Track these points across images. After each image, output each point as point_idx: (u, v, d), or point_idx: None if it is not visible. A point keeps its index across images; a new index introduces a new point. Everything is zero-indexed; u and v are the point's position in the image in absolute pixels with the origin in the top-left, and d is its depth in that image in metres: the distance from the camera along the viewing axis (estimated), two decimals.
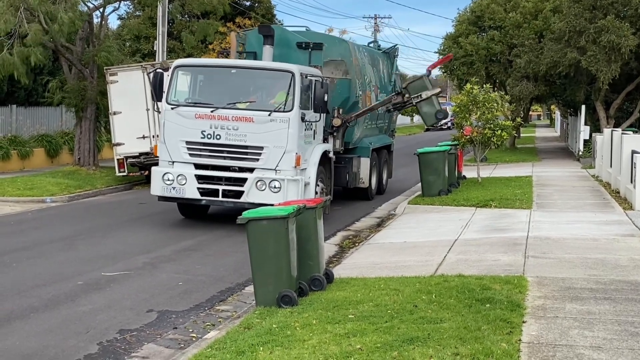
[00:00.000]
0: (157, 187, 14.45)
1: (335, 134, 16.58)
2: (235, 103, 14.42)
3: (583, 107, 29.86)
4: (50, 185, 20.09)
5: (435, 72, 35.51)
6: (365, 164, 18.17)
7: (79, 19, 21.27)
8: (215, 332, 8.02)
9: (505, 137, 22.21)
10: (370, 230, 15.24)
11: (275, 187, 13.82)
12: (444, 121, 69.33)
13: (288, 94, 14.15)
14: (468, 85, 21.87)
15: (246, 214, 8.68)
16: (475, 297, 8.46)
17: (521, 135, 46.73)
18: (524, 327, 7.48)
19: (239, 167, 14.24)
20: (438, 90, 16.19)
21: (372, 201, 19.08)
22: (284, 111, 14.05)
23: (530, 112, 66.51)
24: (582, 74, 28.80)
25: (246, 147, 14.10)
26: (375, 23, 71.39)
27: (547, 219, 14.94)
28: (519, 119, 30.18)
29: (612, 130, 21.77)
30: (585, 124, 29.79)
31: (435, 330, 7.26)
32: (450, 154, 20.09)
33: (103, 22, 23.73)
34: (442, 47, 37.43)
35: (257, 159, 14.08)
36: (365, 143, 18.61)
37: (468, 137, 21.80)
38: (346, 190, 18.52)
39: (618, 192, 18.74)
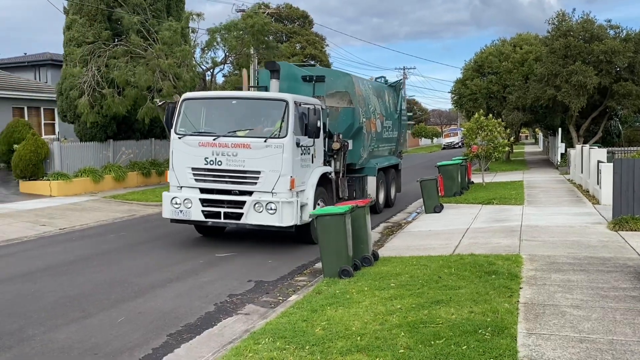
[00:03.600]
0: (167, 210, 11.73)
1: (335, 156, 13.50)
2: (235, 131, 11.50)
3: (560, 129, 29.34)
4: None
5: (448, 105, 35.12)
6: (372, 181, 15.47)
7: (197, 77, 21.89)
8: (295, 296, 8.04)
9: (502, 152, 21.93)
10: (404, 222, 15.07)
11: (271, 209, 11.03)
12: (456, 142, 67.78)
13: (282, 121, 11.25)
14: (476, 115, 21.85)
15: (314, 212, 8.78)
16: (484, 270, 8.28)
17: (514, 151, 45.72)
18: (521, 292, 7.28)
19: (239, 191, 11.32)
20: None
21: (405, 199, 18.57)
22: (278, 137, 11.14)
23: (520, 134, 64.96)
24: (558, 105, 28.33)
25: (245, 171, 11.19)
26: (404, 72, 70.65)
27: (535, 212, 14.54)
28: (512, 139, 29.62)
29: (582, 146, 21.24)
30: (562, 141, 29.23)
31: (455, 295, 7.14)
32: (462, 165, 19.80)
33: (212, 79, 24.15)
34: (453, 88, 37.19)
35: (255, 183, 11.15)
36: (372, 163, 15.78)
37: (475, 153, 21.53)
38: None
39: (588, 192, 18.16)
